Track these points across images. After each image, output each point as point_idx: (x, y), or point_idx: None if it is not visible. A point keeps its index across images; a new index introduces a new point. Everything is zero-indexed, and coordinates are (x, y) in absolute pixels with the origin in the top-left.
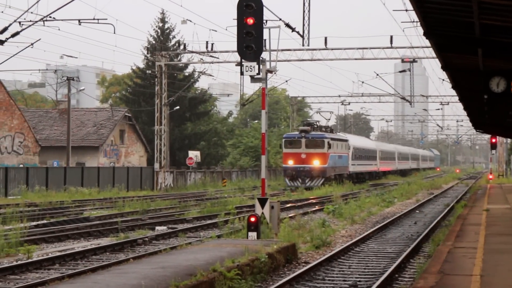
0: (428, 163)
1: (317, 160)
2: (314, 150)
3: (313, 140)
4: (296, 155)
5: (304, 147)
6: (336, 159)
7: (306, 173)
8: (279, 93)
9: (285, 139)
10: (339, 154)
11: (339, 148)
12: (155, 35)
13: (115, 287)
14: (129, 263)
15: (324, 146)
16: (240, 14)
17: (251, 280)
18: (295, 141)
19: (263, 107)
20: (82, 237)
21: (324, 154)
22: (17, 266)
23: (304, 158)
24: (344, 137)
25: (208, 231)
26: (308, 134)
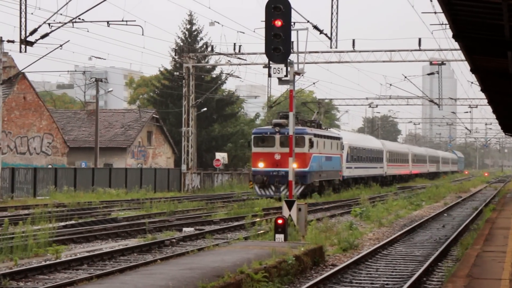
0: (450, 166)
1: (296, 162)
2: None
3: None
4: (268, 156)
5: (278, 146)
6: (323, 161)
7: (281, 179)
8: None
9: (254, 135)
10: (327, 154)
11: (328, 147)
12: (183, 37)
13: (143, 287)
14: (156, 264)
15: (304, 144)
16: (268, 16)
17: (278, 282)
18: (267, 138)
19: (290, 109)
20: (110, 238)
21: (304, 155)
22: (46, 266)
23: (279, 159)
24: (336, 134)
25: (235, 233)
26: (283, 128)
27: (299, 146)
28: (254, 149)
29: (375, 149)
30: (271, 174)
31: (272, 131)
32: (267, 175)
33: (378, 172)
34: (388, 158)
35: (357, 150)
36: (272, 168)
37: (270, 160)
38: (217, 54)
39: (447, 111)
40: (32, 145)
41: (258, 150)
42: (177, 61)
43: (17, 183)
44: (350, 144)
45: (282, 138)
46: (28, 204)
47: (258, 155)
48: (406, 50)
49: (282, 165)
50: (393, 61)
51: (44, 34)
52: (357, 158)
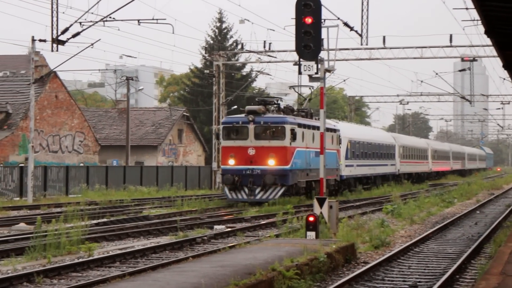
0: (477, 163)
1: (273, 158)
2: (269, 142)
3: (266, 126)
4: (240, 151)
5: (252, 138)
6: (311, 158)
7: (256, 180)
8: (336, 92)
9: (224, 125)
10: (317, 149)
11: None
12: (212, 35)
13: (175, 285)
14: (188, 261)
15: (284, 136)
16: (299, 13)
17: (310, 279)
18: (238, 129)
19: (321, 106)
20: (142, 236)
21: (284, 150)
22: (79, 263)
23: (253, 155)
24: (332, 125)
25: (267, 230)
26: (259, 116)
27: (277, 138)
28: (224, 143)
29: (384, 144)
30: (243, 173)
31: (245, 120)
32: (239, 174)
33: (389, 170)
34: (402, 154)
35: (360, 145)
36: (245, 166)
37: (242, 155)
38: (247, 52)
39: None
40: (64, 143)
41: (228, 144)
42: (207, 59)
43: (49, 182)
44: (351, 138)
45: (258, 129)
46: (61, 202)
47: (228, 150)
48: (437, 46)
49: (258, 162)
50: (424, 57)
51: (75, 33)
52: (361, 155)
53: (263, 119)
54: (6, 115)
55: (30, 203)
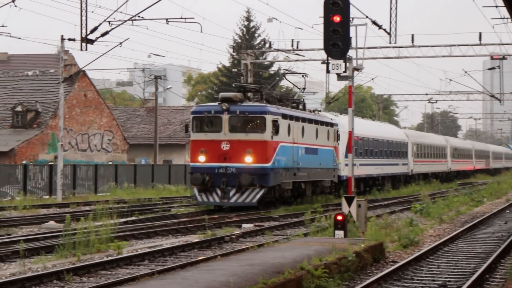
0: (503, 162)
1: (251, 154)
2: (246, 135)
3: (243, 117)
4: (212, 146)
5: (226, 130)
6: (300, 155)
7: (230, 179)
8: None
9: (193, 115)
10: (309, 145)
11: (311, 136)
12: (240, 34)
13: (204, 283)
14: (217, 260)
15: (264, 128)
16: (327, 12)
17: (339, 278)
18: (210, 120)
19: (349, 105)
20: (170, 234)
21: (264, 144)
22: (108, 261)
23: (227, 150)
24: (328, 118)
25: (295, 229)
26: (235, 105)
27: (256, 131)
28: (193, 136)
29: (394, 141)
30: (216, 172)
31: (218, 109)
32: (211, 173)
33: (400, 170)
34: (415, 153)
35: (365, 141)
36: (217, 164)
37: (214, 151)
38: (275, 50)
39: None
40: (92, 142)
41: (198, 137)
42: (235, 58)
43: (78, 180)
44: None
45: (233, 120)
46: (90, 200)
47: (198, 144)
48: (466, 44)
49: (232, 159)
50: (453, 56)
51: (104, 32)
52: (365, 152)
53: (240, 108)
54: (36, 114)
55: (59, 201)
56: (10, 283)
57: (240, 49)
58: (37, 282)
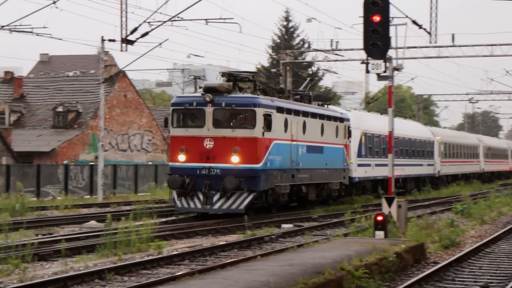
0: None
1: (238, 154)
2: (232, 131)
3: (230, 110)
4: (194, 143)
5: (210, 125)
6: (299, 154)
7: (214, 182)
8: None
9: (173, 107)
10: (311, 143)
11: (316, 132)
12: (279, 34)
13: (244, 283)
14: (256, 260)
15: (254, 122)
16: (366, 11)
17: (379, 279)
18: (192, 113)
19: (389, 105)
20: (210, 234)
21: (253, 142)
22: (149, 261)
23: (211, 148)
24: (338, 113)
25: (334, 230)
26: (220, 96)
27: (244, 126)
28: (173, 131)
29: (418, 140)
30: (198, 173)
31: (201, 100)
32: (192, 175)
33: (425, 172)
34: (443, 152)
35: (382, 139)
36: (199, 164)
37: (196, 149)
38: (314, 50)
39: None
40: (132, 142)
41: (178, 133)
42: (274, 58)
43: (118, 180)
44: (366, 130)
45: (218, 113)
46: (130, 200)
47: (178, 141)
48: (508, 44)
49: (217, 159)
50: (494, 55)
51: (144, 33)
52: (382, 152)
53: (226, 100)
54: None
55: (100, 201)
56: (53, 282)
57: (279, 49)
58: (79, 281)
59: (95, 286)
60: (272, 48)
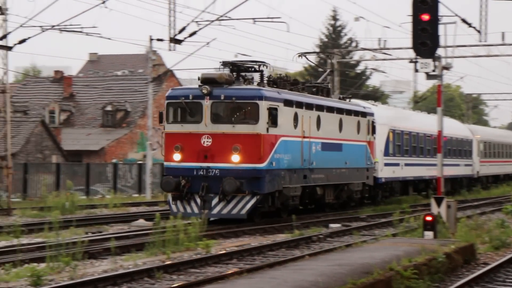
0: None
1: (239, 152)
2: (233, 127)
3: (230, 103)
4: (190, 141)
5: (208, 121)
6: (313, 152)
7: (212, 184)
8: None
9: (168, 100)
10: (327, 139)
11: (333, 128)
12: (327, 33)
13: (292, 283)
14: (305, 259)
15: (257, 117)
16: (415, 10)
17: (429, 280)
18: (188, 106)
19: (438, 105)
20: (258, 233)
21: (256, 138)
22: (197, 260)
23: (209, 147)
24: (359, 106)
25: (383, 230)
26: (219, 88)
27: (245, 122)
28: (168, 127)
29: (454, 138)
30: (194, 174)
31: (198, 93)
32: (188, 176)
33: (462, 172)
34: (482, 152)
35: (412, 137)
36: (196, 164)
37: (193, 147)
38: (362, 49)
39: None
40: None
41: (173, 129)
42: (321, 57)
43: None
44: (394, 127)
45: (217, 107)
46: None
47: (173, 139)
48: None
49: (215, 157)
50: None
51: (192, 32)
52: (412, 150)
53: (226, 92)
54: (125, 113)
55: (148, 199)
56: (103, 280)
57: (327, 48)
58: (128, 279)
59: (145, 284)
60: (320, 47)
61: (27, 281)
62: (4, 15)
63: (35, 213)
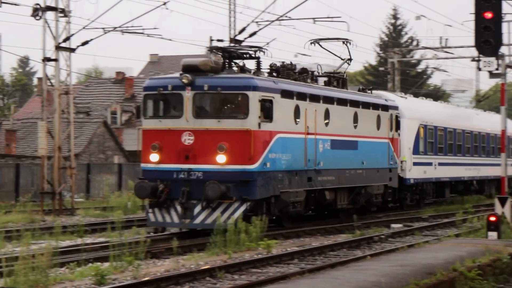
0: None
1: (226, 152)
2: (218, 122)
3: (214, 94)
4: (169, 138)
5: (189, 115)
6: (321, 150)
7: (195, 190)
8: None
9: (145, 92)
10: (338, 136)
11: (345, 123)
12: (387, 32)
13: (355, 283)
14: (366, 260)
15: (246, 110)
16: (478, 8)
17: (493, 281)
18: (167, 99)
19: (502, 103)
20: (319, 233)
21: (246, 135)
22: (258, 260)
23: (190, 145)
24: (380, 99)
25: (445, 230)
26: (203, 77)
27: (233, 116)
28: (145, 123)
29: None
30: (174, 177)
31: (178, 82)
32: (167, 179)
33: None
34: None
35: (447, 133)
36: (176, 165)
37: (172, 146)
38: (423, 48)
39: None
40: None
41: (151, 125)
42: (381, 56)
43: None
44: (425, 122)
45: (200, 99)
46: None
47: (150, 136)
48: None
49: (198, 158)
50: None
51: (252, 33)
52: (448, 148)
53: (210, 82)
54: None
55: None
56: (165, 279)
57: (387, 48)
58: (191, 279)
59: (207, 284)
60: (380, 47)
61: (91, 280)
62: (67, 17)
63: (98, 213)
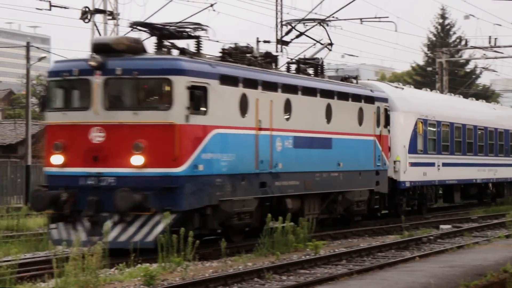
0: None
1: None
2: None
3: (130, 80)
4: (75, 135)
5: (99, 106)
6: (280, 149)
7: (106, 199)
8: None
9: (50, 78)
10: (304, 133)
11: (314, 116)
12: (435, 32)
13: (404, 284)
14: (415, 261)
15: (170, 100)
16: None
17: None
18: (73, 86)
19: None
20: (367, 234)
21: (169, 130)
22: (306, 261)
23: (100, 144)
24: (360, 89)
25: (495, 231)
26: (116, 59)
27: (153, 107)
28: (49, 116)
29: None
30: (81, 184)
31: (84, 66)
32: (72, 186)
33: None
34: None
35: (457, 130)
36: (83, 169)
37: (78, 145)
38: (471, 48)
39: None
40: None
41: (53, 119)
42: (429, 56)
43: None
44: (424, 116)
45: (111, 86)
46: None
47: (53, 133)
48: None
49: (110, 159)
50: None
51: (299, 34)
52: (458, 147)
53: (125, 64)
54: None
55: None
56: (214, 280)
57: (435, 47)
58: (239, 280)
59: (255, 285)
60: (428, 47)
61: (140, 280)
62: (116, 20)
63: None
